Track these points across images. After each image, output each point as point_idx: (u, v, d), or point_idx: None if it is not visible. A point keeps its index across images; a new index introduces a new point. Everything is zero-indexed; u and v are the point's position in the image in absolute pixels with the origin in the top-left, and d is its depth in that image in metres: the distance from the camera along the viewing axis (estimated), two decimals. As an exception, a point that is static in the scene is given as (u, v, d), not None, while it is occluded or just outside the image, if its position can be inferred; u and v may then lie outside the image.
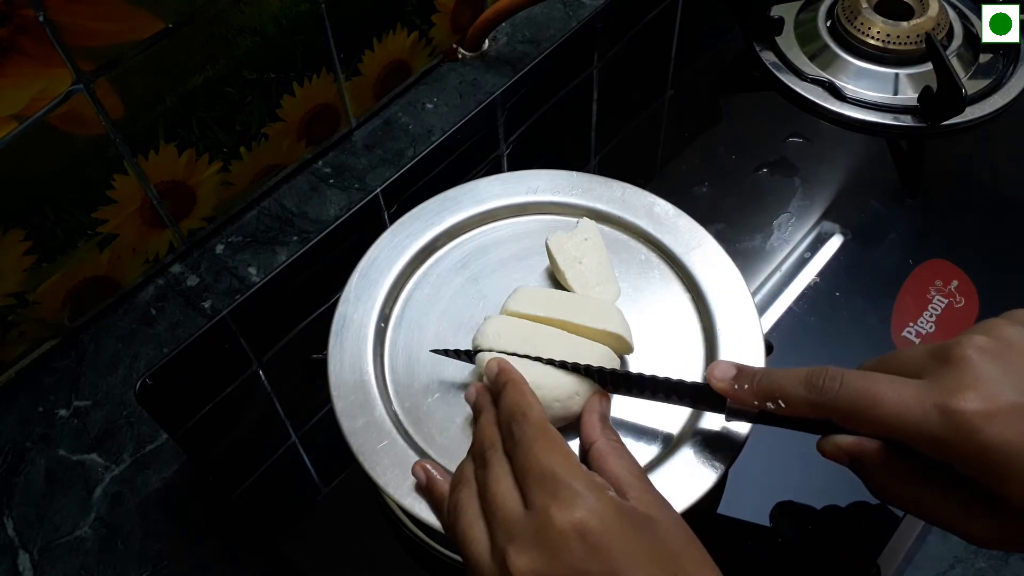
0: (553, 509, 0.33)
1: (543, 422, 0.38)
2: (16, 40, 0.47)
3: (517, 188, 0.54)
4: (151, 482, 0.56)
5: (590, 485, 0.35)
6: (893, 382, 0.35)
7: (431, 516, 0.41)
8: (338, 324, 0.48)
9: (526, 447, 0.36)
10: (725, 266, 0.50)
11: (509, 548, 0.34)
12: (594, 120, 0.72)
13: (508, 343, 0.43)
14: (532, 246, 0.52)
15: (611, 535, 0.33)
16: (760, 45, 0.73)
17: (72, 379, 0.61)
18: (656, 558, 0.33)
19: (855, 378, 0.36)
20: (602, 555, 0.33)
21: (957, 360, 0.34)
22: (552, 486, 0.34)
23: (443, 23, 0.75)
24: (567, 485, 0.34)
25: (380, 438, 0.44)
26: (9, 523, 0.54)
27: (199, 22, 0.56)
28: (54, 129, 0.52)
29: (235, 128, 0.63)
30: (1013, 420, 0.31)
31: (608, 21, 0.78)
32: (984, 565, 0.50)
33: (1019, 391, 0.32)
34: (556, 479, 0.34)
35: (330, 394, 0.45)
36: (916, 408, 0.33)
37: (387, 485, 0.42)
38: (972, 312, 0.55)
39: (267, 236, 0.68)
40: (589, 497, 0.34)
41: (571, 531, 0.33)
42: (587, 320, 0.45)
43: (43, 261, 0.57)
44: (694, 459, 0.42)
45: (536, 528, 0.34)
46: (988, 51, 0.71)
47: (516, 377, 0.41)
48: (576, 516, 0.33)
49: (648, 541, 0.34)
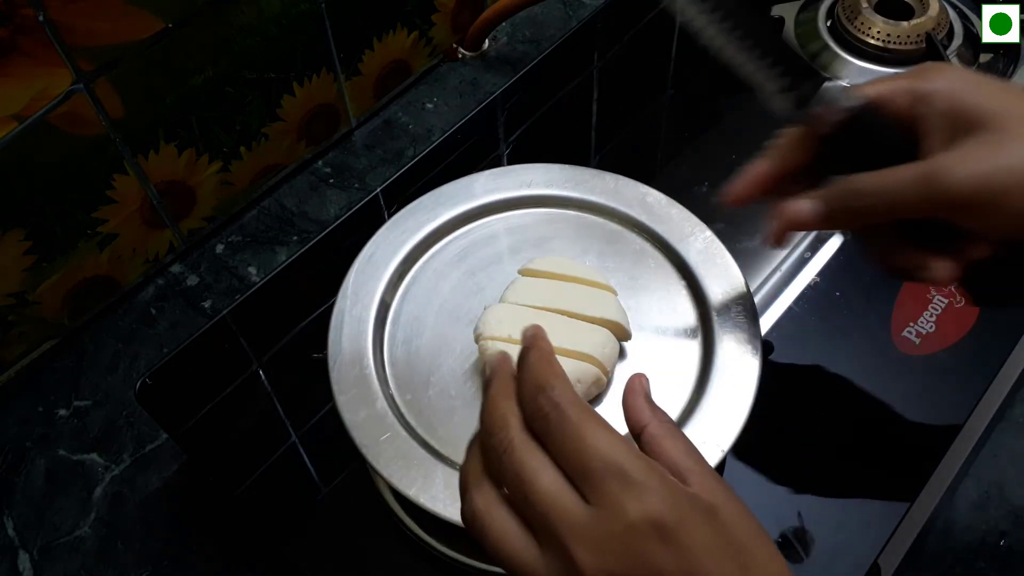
0: (626, 504, 0.30)
1: (578, 398, 0.33)
2: (16, 40, 0.47)
3: (511, 182, 0.54)
4: (151, 482, 0.56)
5: (656, 474, 0.31)
6: (894, 175, 0.39)
7: (437, 507, 0.41)
8: (337, 319, 0.48)
9: (573, 431, 0.31)
10: (718, 252, 0.50)
11: (574, 547, 0.30)
12: (594, 120, 0.72)
13: (511, 330, 0.43)
14: (527, 239, 0.52)
15: (686, 528, 0.30)
16: (760, 45, 0.73)
17: (72, 379, 0.61)
18: (728, 551, 0.31)
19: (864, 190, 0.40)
20: (679, 551, 0.30)
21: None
22: (621, 479, 0.30)
23: (443, 23, 0.75)
24: (633, 475, 0.30)
25: (383, 430, 0.44)
26: (9, 523, 0.54)
27: (199, 22, 0.56)
28: (54, 129, 0.52)
29: (235, 128, 0.63)
30: (962, 165, 0.37)
31: (608, 21, 0.78)
32: (984, 565, 0.50)
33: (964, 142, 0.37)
34: (623, 471, 0.30)
35: (331, 388, 0.46)
36: (907, 186, 0.38)
37: (391, 477, 0.43)
38: (972, 312, 0.55)
39: (267, 236, 0.68)
40: (659, 488, 0.30)
41: (646, 526, 0.30)
42: (585, 309, 0.45)
43: (43, 261, 0.57)
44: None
45: (607, 526, 0.30)
46: (988, 51, 0.71)
47: (544, 345, 0.35)
48: (649, 509, 0.30)
49: (718, 532, 0.31)
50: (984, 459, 0.53)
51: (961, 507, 0.52)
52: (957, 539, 0.51)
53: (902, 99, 0.40)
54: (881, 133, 0.40)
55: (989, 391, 0.53)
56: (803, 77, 0.42)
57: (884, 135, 0.40)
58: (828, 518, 0.48)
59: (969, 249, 0.40)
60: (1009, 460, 0.53)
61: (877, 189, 0.39)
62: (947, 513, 0.52)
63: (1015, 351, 0.54)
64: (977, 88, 0.38)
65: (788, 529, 0.48)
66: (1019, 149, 0.36)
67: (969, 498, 0.52)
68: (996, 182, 0.36)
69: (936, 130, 0.38)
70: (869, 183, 0.40)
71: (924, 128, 0.39)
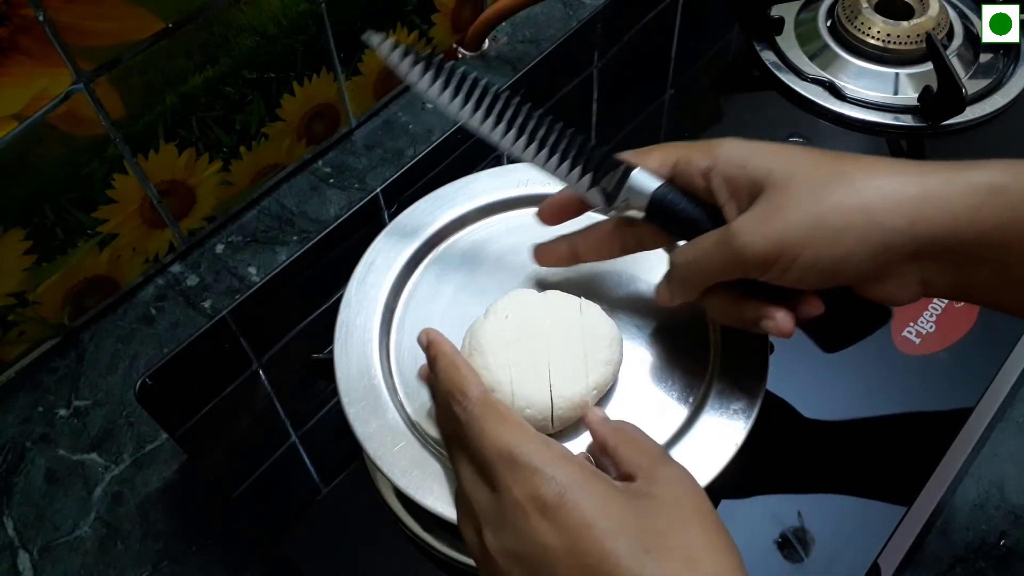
0: (513, 486, 0.33)
1: (483, 396, 0.37)
2: (16, 40, 0.47)
3: (507, 182, 0.54)
4: (151, 482, 0.56)
5: (549, 457, 0.34)
6: (699, 243, 0.41)
7: (455, 515, 0.41)
8: (341, 331, 0.48)
9: (476, 429, 0.36)
10: None
11: (484, 531, 0.34)
12: (594, 120, 0.72)
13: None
14: (527, 239, 0.52)
15: (571, 507, 0.32)
16: (760, 45, 0.73)
17: (72, 379, 0.61)
18: (628, 531, 0.32)
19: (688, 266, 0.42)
20: (562, 527, 0.32)
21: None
22: (509, 463, 0.34)
23: (443, 23, 0.75)
24: (523, 460, 0.34)
25: (395, 441, 0.44)
26: (9, 523, 0.54)
27: (199, 22, 0.56)
28: (54, 129, 0.52)
29: (235, 128, 0.63)
30: (752, 228, 0.38)
31: (608, 21, 0.78)
32: (984, 565, 0.50)
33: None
34: (512, 456, 0.34)
35: (341, 401, 0.45)
36: (711, 253, 0.40)
37: (408, 487, 0.42)
38: (972, 312, 0.55)
39: (267, 236, 0.68)
40: (547, 470, 0.33)
41: (531, 505, 0.33)
42: (576, 356, 0.44)
43: (43, 261, 0.57)
44: (688, 457, 0.43)
45: (501, 508, 0.34)
46: (988, 51, 0.71)
47: (447, 349, 0.40)
48: (535, 490, 0.33)
49: (623, 514, 0.33)
50: (984, 459, 0.53)
51: (961, 507, 0.52)
52: (957, 539, 0.51)
53: (695, 176, 0.41)
54: (691, 205, 0.42)
55: (989, 391, 0.53)
56: (608, 169, 0.43)
57: (694, 207, 0.42)
58: (828, 518, 0.48)
59: (799, 299, 0.41)
60: (1009, 460, 0.53)
61: (687, 259, 0.42)
62: (947, 513, 0.52)
63: (1015, 351, 0.54)
64: (758, 153, 0.40)
65: (788, 529, 0.48)
66: (801, 207, 0.37)
67: (969, 498, 0.52)
68: (785, 240, 0.37)
69: (729, 197, 0.40)
70: (680, 255, 0.42)
71: (719, 197, 0.40)
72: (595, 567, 0.31)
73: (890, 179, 0.37)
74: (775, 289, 0.40)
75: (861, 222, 0.37)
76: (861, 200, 0.37)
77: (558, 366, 0.43)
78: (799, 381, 0.53)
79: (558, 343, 0.43)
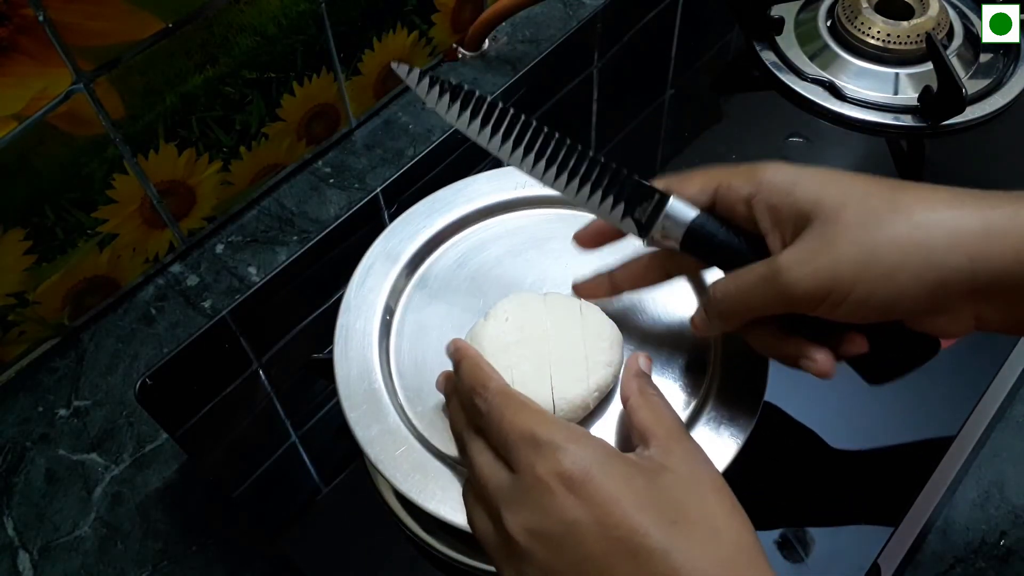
0: (536, 464, 0.34)
1: (504, 387, 0.38)
2: (16, 40, 0.47)
3: (505, 184, 0.54)
4: (151, 482, 0.56)
5: (571, 435, 0.35)
6: (741, 277, 0.40)
7: (458, 518, 0.41)
8: (341, 335, 0.48)
9: (496, 416, 0.36)
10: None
11: (503, 513, 0.34)
12: (594, 120, 0.72)
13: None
14: (526, 241, 0.52)
15: (598, 482, 0.33)
16: (760, 45, 0.73)
17: (72, 379, 0.61)
18: (654, 504, 0.33)
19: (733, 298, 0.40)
20: (587, 500, 0.32)
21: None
22: (532, 443, 0.34)
23: (443, 23, 0.75)
24: (546, 439, 0.34)
25: (397, 445, 0.44)
26: (9, 523, 0.54)
27: (199, 22, 0.56)
28: (54, 129, 0.52)
29: (235, 128, 0.63)
30: (800, 263, 0.37)
31: (608, 21, 0.78)
32: (984, 565, 0.50)
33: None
34: (534, 436, 0.35)
35: (341, 405, 0.45)
36: (756, 287, 0.39)
37: (410, 491, 0.42)
38: (972, 312, 0.55)
39: (267, 236, 0.68)
40: (570, 447, 0.34)
41: (555, 482, 0.33)
42: (577, 361, 0.44)
43: (43, 261, 0.57)
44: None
45: (523, 487, 0.34)
46: (988, 51, 0.71)
47: (471, 353, 0.41)
48: (558, 466, 0.33)
49: (647, 488, 0.33)
50: (984, 459, 0.53)
51: (961, 507, 0.52)
52: (957, 539, 0.51)
53: (737, 203, 0.40)
54: (729, 235, 0.40)
55: (989, 391, 0.53)
56: (642, 198, 0.42)
57: (733, 237, 0.40)
58: (828, 518, 0.48)
59: (843, 336, 0.40)
60: (1009, 460, 0.53)
61: (728, 294, 0.40)
62: (947, 513, 0.52)
63: (1015, 351, 0.54)
64: (805, 180, 0.38)
65: (788, 529, 0.48)
66: (853, 240, 0.36)
67: (969, 498, 0.52)
68: (836, 277, 0.36)
69: (773, 226, 0.38)
70: (721, 288, 0.40)
71: (762, 226, 0.39)
72: (624, 539, 0.32)
73: (951, 212, 0.36)
74: (818, 320, 0.38)
75: (918, 258, 0.35)
76: (919, 235, 0.35)
77: (559, 368, 0.43)
78: (799, 382, 0.53)
79: (559, 345, 0.43)
